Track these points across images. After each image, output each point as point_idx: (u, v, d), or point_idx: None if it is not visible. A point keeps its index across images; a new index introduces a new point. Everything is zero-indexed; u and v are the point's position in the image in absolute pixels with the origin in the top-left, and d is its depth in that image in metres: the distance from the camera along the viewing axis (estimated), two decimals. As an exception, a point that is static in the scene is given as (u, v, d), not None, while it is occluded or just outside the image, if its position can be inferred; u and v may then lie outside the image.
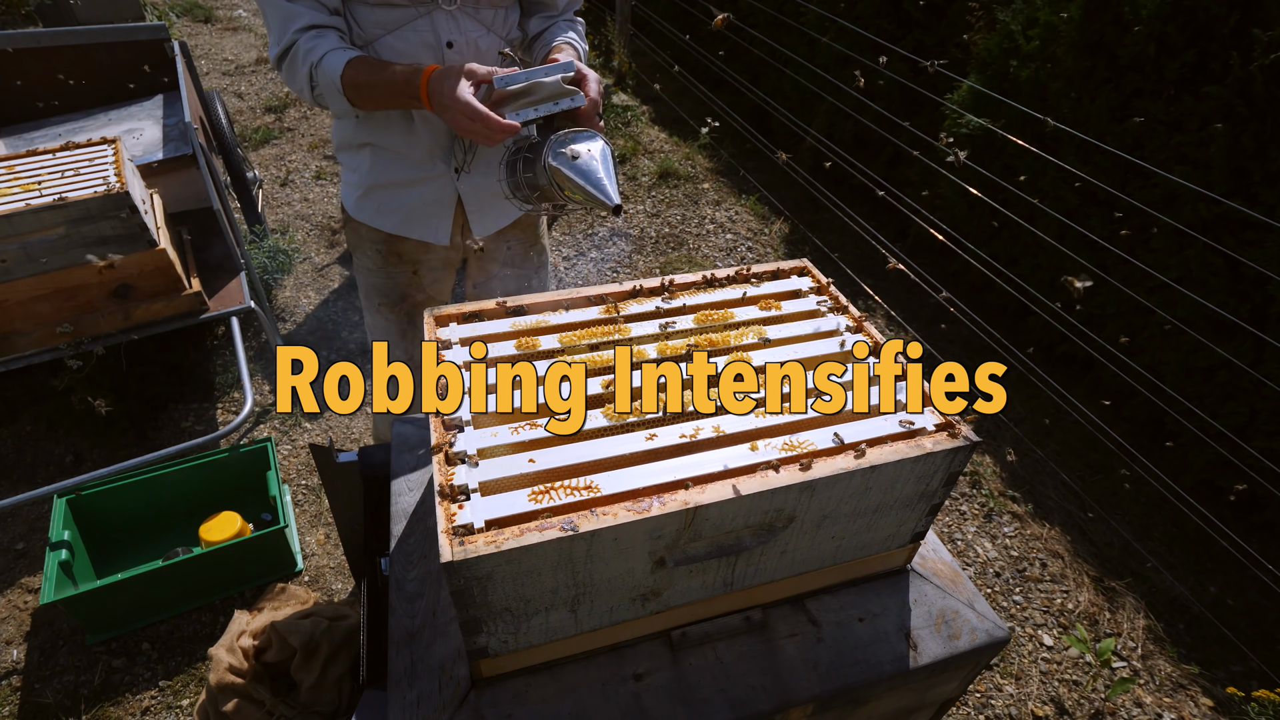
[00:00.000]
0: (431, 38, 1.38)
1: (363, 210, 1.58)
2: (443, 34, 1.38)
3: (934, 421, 0.99)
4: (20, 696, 1.94)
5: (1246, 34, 2.20)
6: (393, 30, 1.36)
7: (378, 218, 1.57)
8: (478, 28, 1.43)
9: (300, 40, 1.29)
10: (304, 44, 1.28)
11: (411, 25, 1.36)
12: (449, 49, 1.40)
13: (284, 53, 1.31)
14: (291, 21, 1.28)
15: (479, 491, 0.87)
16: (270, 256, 3.25)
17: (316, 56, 1.28)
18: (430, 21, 1.37)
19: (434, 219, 1.58)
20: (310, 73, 1.29)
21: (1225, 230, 2.30)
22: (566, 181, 1.22)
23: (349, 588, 2.21)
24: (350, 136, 1.51)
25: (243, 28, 6.18)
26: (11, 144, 2.74)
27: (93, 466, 2.49)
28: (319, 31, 1.30)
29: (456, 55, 1.40)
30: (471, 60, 1.39)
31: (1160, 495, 2.40)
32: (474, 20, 1.41)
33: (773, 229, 3.92)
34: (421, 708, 0.98)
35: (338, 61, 1.27)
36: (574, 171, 1.21)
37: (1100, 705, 2.05)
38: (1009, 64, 2.91)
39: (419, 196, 1.54)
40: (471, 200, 1.58)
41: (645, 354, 1.08)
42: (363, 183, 1.54)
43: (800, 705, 1.01)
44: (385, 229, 1.58)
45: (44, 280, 2.09)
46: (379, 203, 1.56)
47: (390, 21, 1.35)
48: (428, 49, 1.38)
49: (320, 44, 1.28)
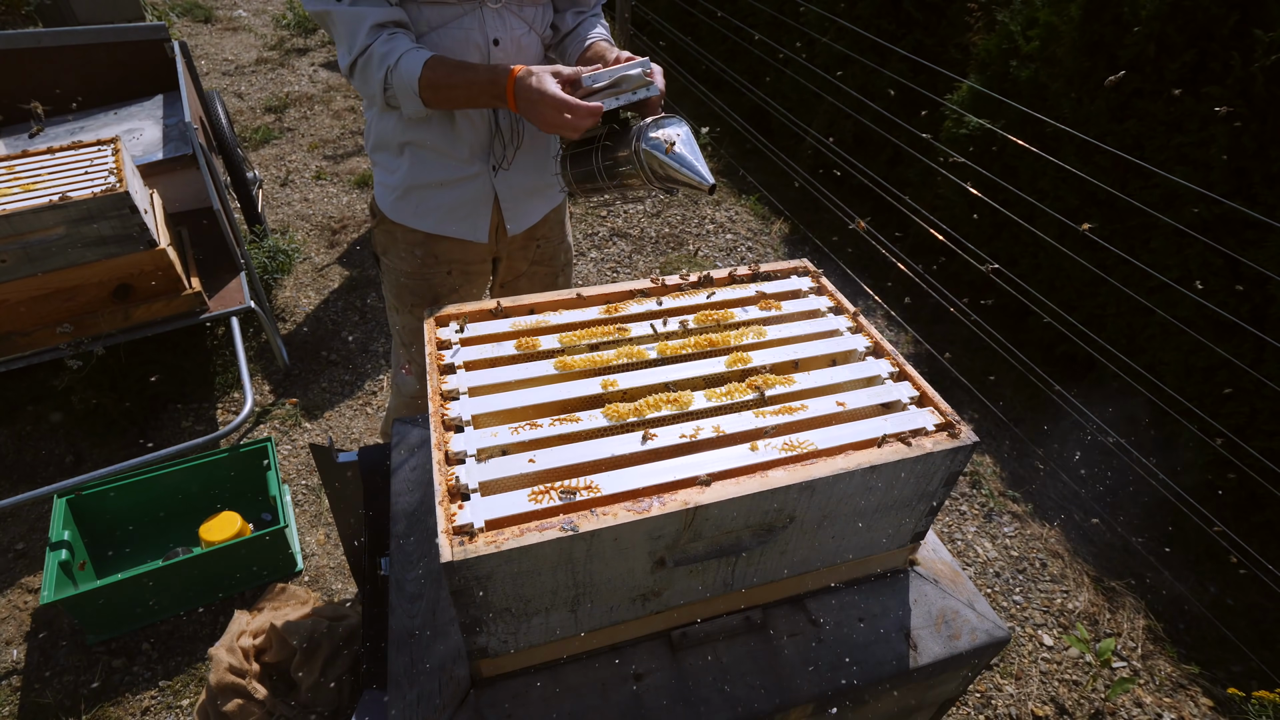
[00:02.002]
0: (478, 35, 1.39)
1: (401, 211, 1.59)
2: (490, 31, 1.40)
3: (934, 421, 0.99)
4: (20, 696, 1.94)
5: (1247, 34, 2.20)
6: (440, 26, 1.37)
7: (416, 218, 1.59)
8: (521, 25, 1.45)
9: (375, 44, 1.30)
10: (379, 47, 1.30)
11: (458, 22, 1.37)
12: (495, 46, 1.41)
13: (358, 58, 1.32)
14: (361, 23, 1.29)
15: (479, 491, 0.87)
16: (270, 256, 3.25)
17: (394, 59, 1.29)
18: (477, 19, 1.39)
19: (473, 217, 1.60)
20: (386, 76, 1.31)
21: (1225, 230, 2.30)
22: (661, 165, 1.27)
23: (349, 588, 2.21)
24: (390, 137, 1.52)
25: (243, 28, 6.18)
26: (11, 144, 2.74)
27: (93, 466, 2.49)
28: (391, 32, 1.31)
29: (502, 52, 1.42)
30: (515, 57, 1.44)
31: (1160, 495, 2.40)
32: (518, 18, 1.44)
33: (773, 229, 3.93)
34: (421, 708, 0.98)
35: (415, 62, 1.28)
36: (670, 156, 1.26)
37: (1100, 705, 2.05)
38: (1009, 64, 2.91)
39: (458, 195, 1.56)
40: (508, 197, 1.60)
41: (645, 354, 1.08)
42: (401, 184, 1.55)
43: (800, 705, 1.01)
44: (424, 229, 1.60)
45: (44, 280, 2.09)
46: (418, 203, 1.57)
47: (438, 18, 1.36)
48: (474, 46, 1.40)
49: (396, 45, 1.30)
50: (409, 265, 1.66)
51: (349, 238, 3.73)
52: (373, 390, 2.88)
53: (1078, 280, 2.71)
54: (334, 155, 4.43)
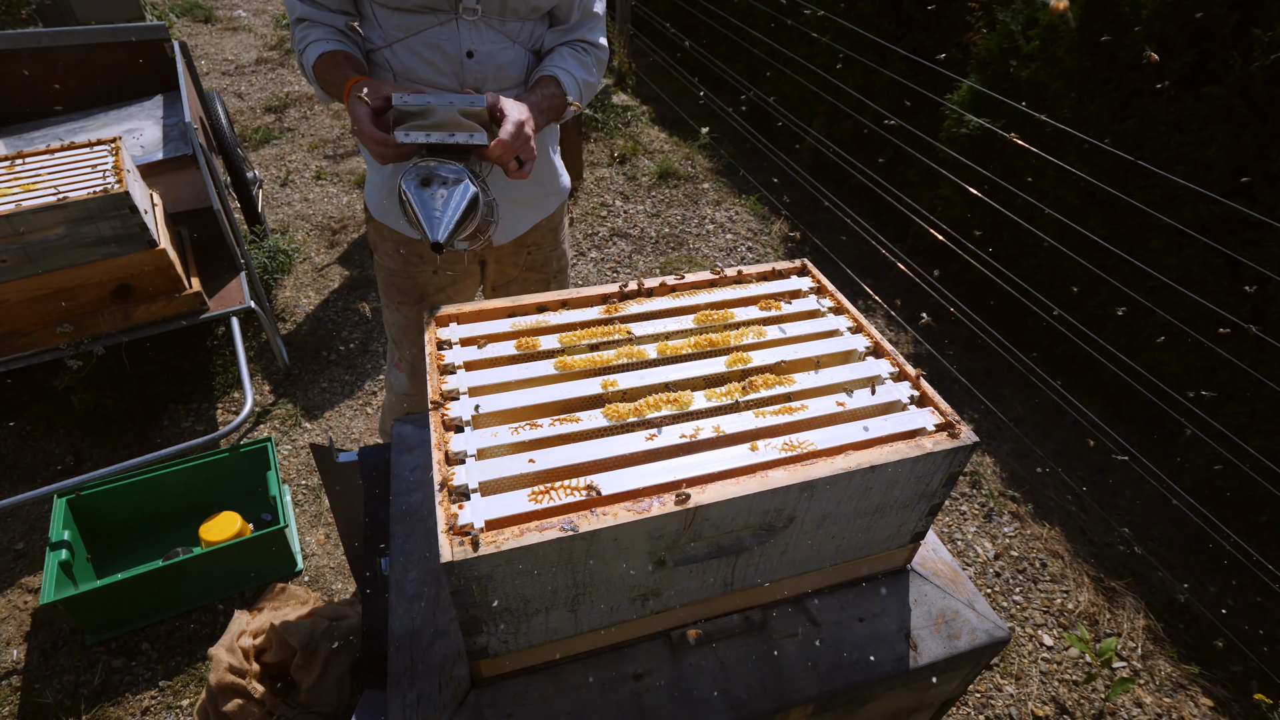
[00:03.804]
0: (452, 47, 1.38)
1: (385, 211, 1.61)
2: (464, 43, 1.39)
3: (934, 421, 0.99)
4: (20, 696, 1.94)
5: (1247, 34, 2.20)
6: (412, 35, 1.37)
7: (398, 219, 1.60)
8: (501, 40, 1.41)
9: (295, 30, 1.39)
10: (297, 33, 1.39)
11: (431, 32, 1.36)
12: (469, 59, 1.40)
13: (292, 39, 1.42)
14: (292, 12, 1.39)
15: (479, 491, 0.87)
16: (270, 256, 3.25)
17: (302, 47, 1.37)
18: (451, 30, 1.37)
19: None
20: (300, 60, 1.40)
21: (1225, 230, 2.30)
22: (406, 204, 1.16)
23: (349, 588, 2.21)
24: None
25: (243, 28, 6.18)
26: (11, 144, 2.74)
27: (93, 466, 2.49)
28: (309, 24, 1.37)
29: (476, 65, 1.41)
30: (492, 72, 1.42)
31: (1160, 495, 2.40)
32: (498, 32, 1.41)
33: (773, 229, 3.92)
34: (421, 708, 0.98)
35: (312, 54, 1.36)
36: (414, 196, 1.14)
37: (1100, 705, 2.05)
38: (1009, 64, 2.91)
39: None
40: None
41: (645, 354, 1.08)
42: (385, 184, 1.57)
43: (800, 705, 1.01)
44: (407, 231, 1.61)
45: (44, 280, 2.09)
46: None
47: (410, 26, 1.36)
48: (446, 57, 1.39)
49: (308, 34, 1.37)
50: (394, 263, 1.70)
51: (349, 238, 3.73)
52: (373, 390, 2.88)
53: (1078, 280, 2.72)
54: (334, 155, 4.43)
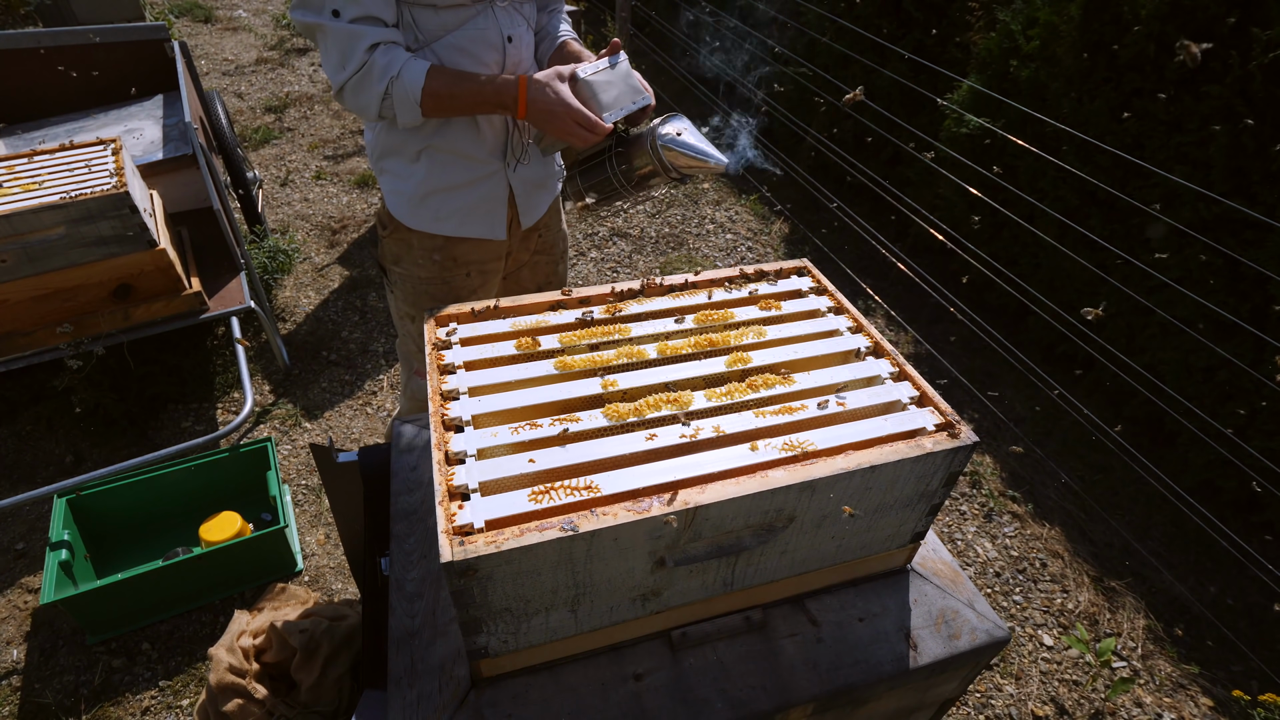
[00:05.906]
0: (494, 34, 1.41)
1: (419, 217, 1.57)
2: (504, 28, 1.42)
3: (934, 421, 0.99)
4: (20, 696, 1.94)
5: (1246, 33, 2.20)
6: (457, 28, 1.37)
7: (436, 223, 1.57)
8: (522, 22, 1.47)
9: (374, 57, 1.29)
10: (380, 59, 1.29)
11: (474, 22, 1.38)
12: (509, 43, 1.43)
13: (354, 75, 1.31)
14: (358, 41, 1.28)
15: (479, 491, 0.87)
16: (270, 256, 3.25)
17: (396, 69, 1.29)
18: (490, 18, 1.40)
19: (491, 215, 1.61)
20: (388, 87, 1.31)
21: (1225, 230, 2.30)
22: (680, 158, 1.37)
23: (349, 588, 2.21)
24: (401, 145, 1.50)
25: (243, 28, 6.18)
26: (11, 144, 2.74)
27: (93, 466, 2.49)
28: (388, 47, 1.31)
29: (514, 49, 1.44)
30: (525, 54, 1.48)
31: (1160, 495, 2.40)
32: (520, 15, 1.46)
33: (773, 229, 3.92)
34: (421, 708, 0.98)
35: (418, 73, 1.30)
36: (686, 148, 1.36)
37: (1100, 705, 2.05)
38: (1009, 64, 2.91)
39: (477, 195, 1.57)
40: (521, 192, 1.62)
41: (645, 354, 1.08)
42: (417, 190, 1.53)
43: (800, 705, 1.01)
44: (444, 233, 1.58)
45: (44, 280, 2.09)
46: (436, 207, 1.56)
47: (454, 21, 1.37)
48: (489, 46, 1.41)
49: (396, 56, 1.30)
50: (427, 271, 1.64)
51: (349, 238, 3.73)
52: (373, 390, 2.88)
53: (1078, 280, 2.71)
54: (334, 155, 4.43)
